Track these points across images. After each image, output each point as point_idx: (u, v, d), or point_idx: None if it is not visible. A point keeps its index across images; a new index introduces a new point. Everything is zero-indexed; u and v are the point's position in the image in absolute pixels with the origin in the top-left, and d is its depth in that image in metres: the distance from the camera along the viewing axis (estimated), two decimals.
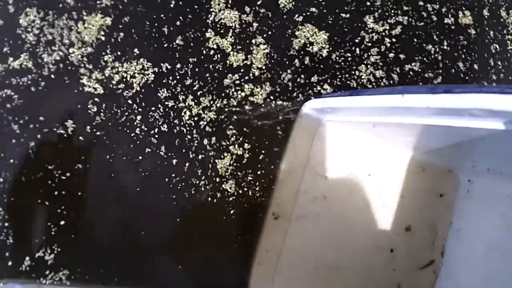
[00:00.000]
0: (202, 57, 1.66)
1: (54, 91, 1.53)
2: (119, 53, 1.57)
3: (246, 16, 1.71)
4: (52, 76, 1.52)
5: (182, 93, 1.62)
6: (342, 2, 1.81)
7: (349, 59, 1.77)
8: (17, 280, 1.47)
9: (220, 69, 1.66)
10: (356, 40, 1.79)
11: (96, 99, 1.54)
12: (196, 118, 1.62)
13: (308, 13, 1.77)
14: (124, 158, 1.56)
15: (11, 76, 1.50)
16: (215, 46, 1.67)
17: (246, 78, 1.69)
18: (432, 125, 1.16)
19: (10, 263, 1.47)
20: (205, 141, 1.61)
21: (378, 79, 1.78)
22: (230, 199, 1.59)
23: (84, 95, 1.53)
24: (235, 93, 1.66)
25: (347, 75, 1.76)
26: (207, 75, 1.65)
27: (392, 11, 1.83)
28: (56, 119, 1.52)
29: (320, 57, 1.75)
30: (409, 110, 1.15)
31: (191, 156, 1.60)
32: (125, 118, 1.57)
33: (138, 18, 1.61)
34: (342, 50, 1.78)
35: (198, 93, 1.64)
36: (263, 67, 1.70)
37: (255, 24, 1.71)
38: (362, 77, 1.77)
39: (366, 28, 1.80)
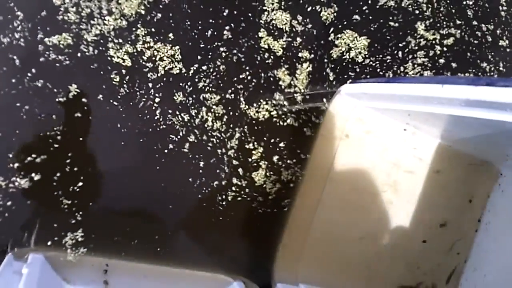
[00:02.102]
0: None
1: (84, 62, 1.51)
2: (153, 30, 1.54)
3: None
4: (87, 47, 1.50)
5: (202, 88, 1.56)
6: (388, 11, 1.72)
7: (388, 61, 1.67)
8: (38, 251, 1.44)
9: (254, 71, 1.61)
10: (400, 45, 1.69)
11: (123, 70, 1.50)
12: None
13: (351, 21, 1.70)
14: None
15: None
16: (266, 47, 1.62)
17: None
18: (469, 117, 1.10)
19: (33, 237, 1.46)
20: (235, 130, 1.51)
21: None
22: (260, 182, 1.58)
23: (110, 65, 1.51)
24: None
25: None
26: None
27: (444, 22, 1.72)
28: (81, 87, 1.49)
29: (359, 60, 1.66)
30: (448, 100, 1.11)
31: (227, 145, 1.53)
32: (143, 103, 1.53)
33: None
34: (381, 54, 1.68)
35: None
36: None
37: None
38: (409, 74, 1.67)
39: (415, 34, 1.69)
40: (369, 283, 1.58)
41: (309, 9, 1.65)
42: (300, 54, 1.63)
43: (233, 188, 1.58)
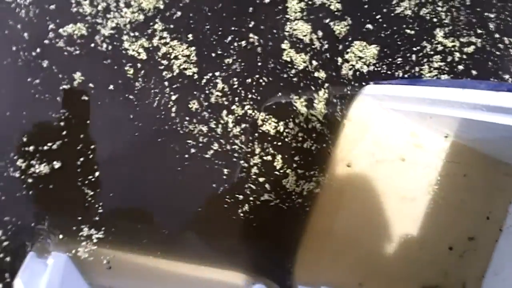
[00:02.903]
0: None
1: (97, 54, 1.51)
2: (171, 26, 1.54)
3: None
4: (102, 40, 1.51)
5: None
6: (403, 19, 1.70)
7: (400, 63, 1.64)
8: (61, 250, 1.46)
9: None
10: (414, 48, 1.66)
11: (138, 64, 1.50)
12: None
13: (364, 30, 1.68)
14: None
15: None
16: (288, 59, 1.61)
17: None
18: (490, 122, 1.09)
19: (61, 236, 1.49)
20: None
21: None
22: (287, 186, 1.55)
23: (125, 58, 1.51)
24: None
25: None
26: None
27: (464, 31, 1.69)
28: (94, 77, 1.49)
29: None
30: (469, 105, 1.11)
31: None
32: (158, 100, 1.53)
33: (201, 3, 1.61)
34: (392, 58, 1.64)
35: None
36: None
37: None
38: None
39: (432, 40, 1.65)
40: (391, 285, 1.57)
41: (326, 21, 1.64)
42: (316, 74, 1.61)
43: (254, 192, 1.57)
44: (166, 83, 1.54)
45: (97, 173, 1.50)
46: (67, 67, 1.50)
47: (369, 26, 1.66)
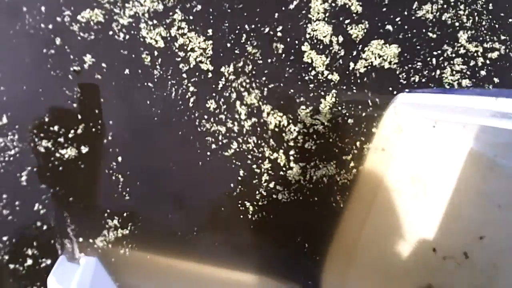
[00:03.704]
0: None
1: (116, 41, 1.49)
2: (191, 17, 1.52)
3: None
4: (120, 26, 1.49)
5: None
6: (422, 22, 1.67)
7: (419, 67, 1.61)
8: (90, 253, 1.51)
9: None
10: (435, 53, 1.62)
11: (155, 52, 1.48)
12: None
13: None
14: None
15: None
16: (309, 61, 1.58)
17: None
18: None
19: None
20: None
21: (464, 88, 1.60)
22: (309, 191, 1.54)
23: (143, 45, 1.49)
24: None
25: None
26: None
27: (487, 36, 1.65)
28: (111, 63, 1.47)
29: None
30: (502, 114, 1.10)
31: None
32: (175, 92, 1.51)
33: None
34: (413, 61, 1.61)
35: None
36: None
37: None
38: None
39: (455, 43, 1.62)
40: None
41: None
42: (329, 77, 1.59)
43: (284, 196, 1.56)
44: (184, 75, 1.52)
45: (119, 158, 1.49)
46: (80, 50, 1.49)
47: (389, 27, 1.64)
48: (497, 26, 1.65)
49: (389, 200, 1.52)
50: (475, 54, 1.62)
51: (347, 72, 1.59)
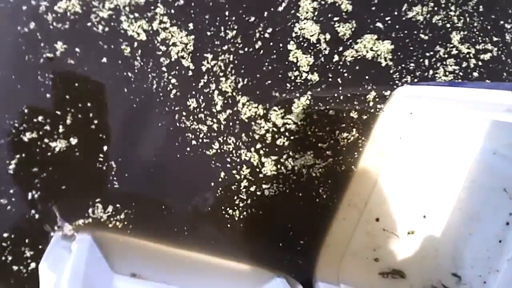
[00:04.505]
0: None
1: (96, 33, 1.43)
2: (172, 11, 1.47)
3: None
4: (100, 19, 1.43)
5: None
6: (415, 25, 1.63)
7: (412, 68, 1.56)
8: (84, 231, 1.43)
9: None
10: (427, 54, 1.58)
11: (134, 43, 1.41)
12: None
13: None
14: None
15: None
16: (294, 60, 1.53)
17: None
18: None
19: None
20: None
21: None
22: (304, 185, 1.51)
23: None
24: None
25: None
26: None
27: (480, 38, 1.62)
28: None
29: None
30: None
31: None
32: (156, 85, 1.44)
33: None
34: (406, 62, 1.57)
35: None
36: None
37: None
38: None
39: (447, 44, 1.58)
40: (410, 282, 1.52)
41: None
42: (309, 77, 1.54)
43: (276, 186, 1.52)
44: (164, 69, 1.45)
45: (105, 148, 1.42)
46: (53, 37, 1.42)
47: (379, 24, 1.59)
48: (489, 27, 1.62)
49: (385, 193, 1.51)
50: (467, 56, 1.58)
51: (332, 71, 1.53)
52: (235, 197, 1.49)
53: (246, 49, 1.51)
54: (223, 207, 1.49)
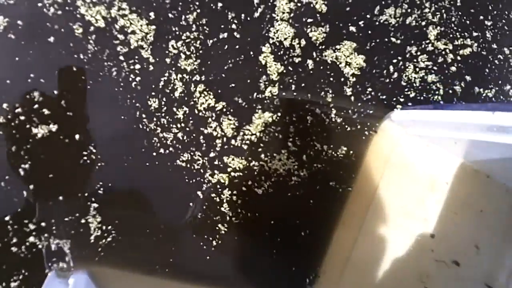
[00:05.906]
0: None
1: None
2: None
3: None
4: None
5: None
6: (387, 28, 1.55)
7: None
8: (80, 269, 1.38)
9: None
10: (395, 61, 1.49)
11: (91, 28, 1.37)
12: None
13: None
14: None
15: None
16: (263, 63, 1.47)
17: None
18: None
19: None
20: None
21: (430, 83, 1.49)
22: (301, 206, 1.46)
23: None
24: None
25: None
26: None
27: (457, 33, 1.53)
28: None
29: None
30: (500, 128, 1.07)
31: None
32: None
33: None
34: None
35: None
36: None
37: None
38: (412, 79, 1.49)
39: (422, 42, 1.49)
40: None
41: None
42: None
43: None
44: (121, 58, 1.39)
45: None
46: None
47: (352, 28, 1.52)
48: (468, 22, 1.54)
49: (379, 218, 1.50)
50: (443, 52, 1.49)
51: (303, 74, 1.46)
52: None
53: (211, 41, 1.45)
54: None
